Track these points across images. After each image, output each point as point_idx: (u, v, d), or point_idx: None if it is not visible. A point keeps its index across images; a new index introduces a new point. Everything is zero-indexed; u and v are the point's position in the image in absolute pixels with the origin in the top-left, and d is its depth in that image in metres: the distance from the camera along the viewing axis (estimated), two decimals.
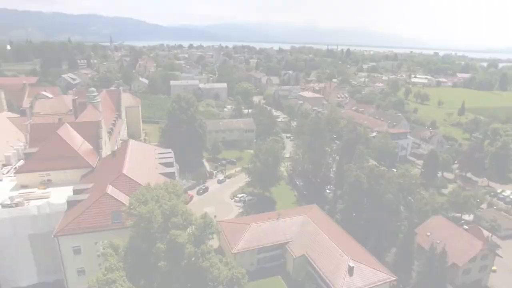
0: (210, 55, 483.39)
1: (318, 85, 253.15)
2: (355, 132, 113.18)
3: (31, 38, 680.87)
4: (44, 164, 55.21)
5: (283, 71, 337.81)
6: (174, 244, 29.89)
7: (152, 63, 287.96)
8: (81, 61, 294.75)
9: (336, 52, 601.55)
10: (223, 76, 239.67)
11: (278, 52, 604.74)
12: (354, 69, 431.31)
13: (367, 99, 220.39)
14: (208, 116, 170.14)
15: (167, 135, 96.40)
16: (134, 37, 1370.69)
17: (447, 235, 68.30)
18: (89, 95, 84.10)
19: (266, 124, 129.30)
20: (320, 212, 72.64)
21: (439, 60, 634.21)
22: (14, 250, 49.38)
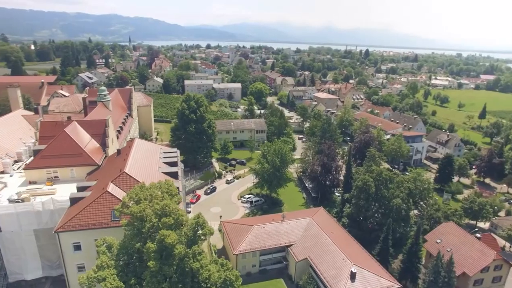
0: (227, 55, 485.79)
1: (334, 86, 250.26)
2: (367, 134, 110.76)
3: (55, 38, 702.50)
4: (51, 161, 56.37)
5: (299, 71, 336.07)
6: (163, 244, 29.71)
7: (167, 63, 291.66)
8: (99, 60, 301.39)
9: (354, 53, 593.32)
10: (237, 76, 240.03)
11: (295, 53, 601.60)
12: (372, 70, 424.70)
13: (383, 101, 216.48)
14: (221, 116, 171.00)
15: (176, 134, 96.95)
16: (154, 37, 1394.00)
17: (458, 242, 65.91)
18: (100, 94, 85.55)
19: (277, 125, 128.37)
20: (326, 215, 71.39)
21: (462, 61, 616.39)
22: (20, 244, 50.55)
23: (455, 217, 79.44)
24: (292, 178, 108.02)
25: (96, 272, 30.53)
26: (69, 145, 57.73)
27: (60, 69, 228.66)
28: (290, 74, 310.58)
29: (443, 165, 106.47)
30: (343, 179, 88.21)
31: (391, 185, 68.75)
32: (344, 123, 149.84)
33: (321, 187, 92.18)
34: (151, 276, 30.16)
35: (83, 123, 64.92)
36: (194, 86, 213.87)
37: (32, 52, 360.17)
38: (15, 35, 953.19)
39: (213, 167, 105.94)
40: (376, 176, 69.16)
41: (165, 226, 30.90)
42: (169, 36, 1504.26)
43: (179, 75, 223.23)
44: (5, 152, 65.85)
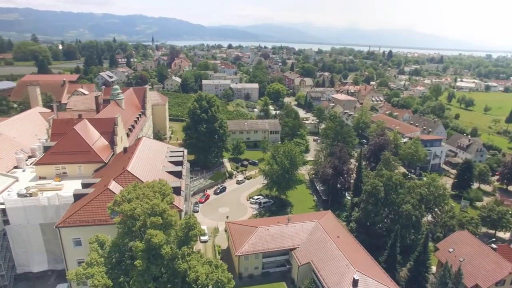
0: (247, 55, 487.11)
1: (354, 88, 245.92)
2: (382, 137, 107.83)
3: (83, 38, 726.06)
4: (60, 157, 57.91)
5: (319, 72, 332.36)
6: (150, 244, 29.68)
7: (187, 63, 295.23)
8: (121, 59, 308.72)
9: (377, 54, 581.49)
10: (255, 77, 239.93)
11: (316, 53, 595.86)
12: (394, 72, 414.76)
13: (404, 103, 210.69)
14: (237, 116, 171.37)
15: (188, 134, 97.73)
16: (177, 36, 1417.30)
17: (471, 253, 62.89)
18: (113, 93, 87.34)
19: (291, 126, 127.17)
20: (333, 219, 69.86)
21: (491, 62, 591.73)
22: (27, 237, 52.17)
23: (470, 225, 75.95)
24: (304, 180, 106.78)
25: (85, 268, 30.89)
26: (77, 142, 59.10)
27: (84, 68, 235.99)
28: (309, 75, 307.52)
29: (461, 170, 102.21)
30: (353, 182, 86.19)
31: (401, 190, 66.43)
32: (360, 125, 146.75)
33: (332, 190, 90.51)
34: (137, 275, 30.19)
35: (93, 121, 66.34)
36: (212, 86, 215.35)
37: (60, 51, 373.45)
38: (47, 35, 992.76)
39: (224, 167, 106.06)
40: (386, 180, 67.03)
41: (153, 226, 30.83)
42: (192, 36, 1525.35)
43: (197, 74, 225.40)
44: (20, 147, 68.32)
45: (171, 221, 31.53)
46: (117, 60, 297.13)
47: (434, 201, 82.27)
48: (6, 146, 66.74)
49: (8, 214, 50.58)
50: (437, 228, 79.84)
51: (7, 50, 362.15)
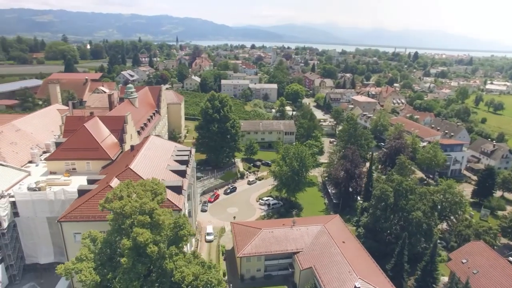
0: (270, 55, 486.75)
1: (375, 90, 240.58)
2: (398, 141, 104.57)
3: (111, 38, 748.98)
4: (70, 153, 59.54)
5: (340, 73, 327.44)
6: (136, 242, 29.81)
7: (208, 62, 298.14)
8: (144, 59, 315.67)
9: (402, 56, 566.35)
10: (275, 77, 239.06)
11: (340, 54, 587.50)
12: (420, 74, 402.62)
13: (426, 106, 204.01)
14: (254, 116, 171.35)
15: (200, 133, 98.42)
16: (202, 36, 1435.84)
17: (487, 265, 59.62)
18: (127, 91, 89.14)
19: (306, 127, 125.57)
20: (340, 224, 68.23)
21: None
22: (35, 230, 53.97)
23: (488, 236, 72.12)
24: (316, 183, 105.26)
25: (74, 263, 31.45)
26: (87, 139, 60.57)
27: (108, 67, 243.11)
28: (331, 76, 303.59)
29: (483, 177, 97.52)
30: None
31: (412, 196, 63.94)
32: (378, 128, 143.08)
33: (343, 194, 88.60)
34: (123, 273, 30.40)
35: (104, 118, 67.85)
36: (230, 86, 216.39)
37: (87, 51, 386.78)
38: (78, 35, 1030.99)
39: (235, 167, 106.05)
40: (396, 185, 64.76)
41: (141, 224, 30.97)
42: (216, 36, 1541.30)
43: (217, 74, 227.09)
44: (36, 143, 70.91)
45: (159, 220, 31.50)
46: (140, 60, 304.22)
47: (450, 208, 79.08)
48: (23, 142, 69.48)
49: (17, 207, 52.54)
50: (451, 237, 76.57)
51: (40, 50, 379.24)
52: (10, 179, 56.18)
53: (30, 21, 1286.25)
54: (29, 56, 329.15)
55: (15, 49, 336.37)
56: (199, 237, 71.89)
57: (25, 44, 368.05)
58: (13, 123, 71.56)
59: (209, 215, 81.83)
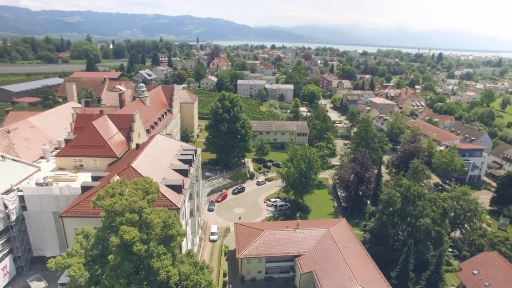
0: (289, 56, 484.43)
1: (394, 91, 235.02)
2: (412, 144, 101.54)
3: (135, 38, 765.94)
4: (78, 150, 60.96)
5: (359, 75, 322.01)
6: (123, 240, 30.05)
7: (225, 62, 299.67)
8: (164, 58, 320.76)
9: (425, 57, 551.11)
10: (291, 78, 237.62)
11: (361, 55, 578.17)
12: (443, 76, 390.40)
13: (447, 109, 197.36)
14: (269, 116, 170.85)
15: (210, 133, 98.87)
16: (223, 37, 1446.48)
17: (500, 278, 56.74)
18: (138, 90, 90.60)
19: (319, 129, 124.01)
20: (346, 228, 66.78)
21: None
22: (42, 224, 55.64)
23: (504, 246, 68.76)
24: (327, 185, 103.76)
25: (64, 258, 32.05)
26: (94, 137, 61.81)
27: (127, 66, 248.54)
28: (349, 77, 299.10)
29: (502, 184, 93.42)
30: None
31: (420, 202, 61.82)
32: (394, 130, 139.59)
33: (352, 197, 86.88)
34: (110, 270, 30.71)
35: (112, 117, 69.10)
36: (247, 86, 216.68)
37: (110, 50, 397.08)
38: (103, 35, 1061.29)
39: (245, 167, 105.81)
40: (403, 190, 62.80)
41: (129, 222, 31.20)
42: (237, 36, 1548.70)
43: (233, 74, 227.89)
44: (49, 139, 73.05)
45: (147, 219, 31.63)
46: (160, 59, 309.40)
47: (464, 216, 76.08)
48: (37, 138, 71.79)
49: (25, 201, 54.36)
50: (464, 246, 73.62)
51: (66, 49, 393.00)
52: (20, 174, 58.05)
53: (60, 22, 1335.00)
54: (55, 55, 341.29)
55: (43, 49, 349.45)
56: (203, 236, 72.19)
57: (52, 44, 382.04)
58: (28, 120, 74.11)
59: (215, 215, 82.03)
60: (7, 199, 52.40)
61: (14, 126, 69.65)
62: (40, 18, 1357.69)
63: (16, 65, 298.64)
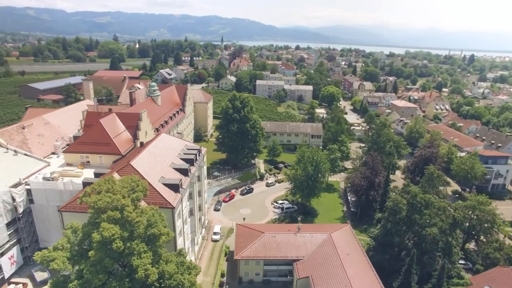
0: (313, 57, 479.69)
1: (418, 94, 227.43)
2: (429, 149, 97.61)
3: (162, 38, 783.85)
4: (85, 147, 62.73)
5: (383, 76, 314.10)
6: (103, 236, 30.46)
7: (246, 62, 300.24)
8: (186, 58, 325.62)
9: (455, 59, 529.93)
10: (311, 78, 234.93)
11: (388, 57, 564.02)
12: (474, 78, 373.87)
13: (474, 114, 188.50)
14: (285, 117, 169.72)
15: (220, 133, 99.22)
16: (249, 37, 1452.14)
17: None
18: (150, 89, 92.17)
19: (333, 131, 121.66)
20: (349, 234, 64.92)
21: None
22: (47, 216, 57.70)
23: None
24: (338, 189, 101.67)
25: (50, 252, 32.88)
26: (101, 134, 63.37)
27: (150, 65, 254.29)
28: (372, 79, 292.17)
29: None
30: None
31: (427, 211, 59.18)
32: (413, 134, 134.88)
33: (362, 202, 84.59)
34: (90, 265, 31.22)
35: (120, 115, 70.62)
36: (265, 86, 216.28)
37: (136, 49, 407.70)
38: (131, 35, 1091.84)
39: (255, 167, 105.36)
40: (410, 198, 60.34)
41: (110, 220, 31.60)
42: (263, 37, 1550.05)
43: (253, 74, 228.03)
44: (61, 136, 75.72)
45: (128, 217, 31.92)
46: (182, 59, 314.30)
47: (480, 227, 72.24)
48: (50, 134, 74.61)
49: (32, 194, 56.53)
50: (478, 259, 69.90)
51: (94, 49, 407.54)
52: (30, 168, 60.44)
53: (91, 22, 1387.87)
54: (83, 55, 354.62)
55: (73, 48, 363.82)
56: (206, 235, 72.45)
57: (82, 43, 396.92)
58: (43, 117, 77.15)
59: (221, 215, 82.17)
60: (15, 192, 54.73)
61: (29, 123, 72.70)
62: (74, 19, 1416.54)
63: (47, 64, 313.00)
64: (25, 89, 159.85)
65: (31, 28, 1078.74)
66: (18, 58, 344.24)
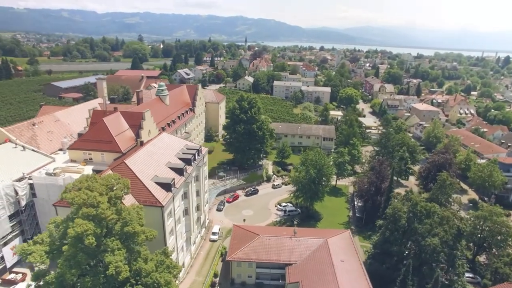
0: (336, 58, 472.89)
1: (442, 97, 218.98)
2: (442, 155, 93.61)
3: (188, 38, 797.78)
4: (87, 144, 64.49)
5: (407, 79, 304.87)
6: (76, 232, 31.14)
7: (265, 63, 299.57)
8: (207, 58, 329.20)
9: (488, 61, 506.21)
10: (330, 80, 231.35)
11: (415, 58, 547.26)
12: (508, 81, 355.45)
13: (502, 119, 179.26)
14: (300, 119, 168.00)
15: (228, 133, 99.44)
16: (274, 38, 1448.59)
17: None
18: (158, 89, 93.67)
19: (345, 134, 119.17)
20: (347, 240, 63.25)
21: None
22: (49, 211, 59.12)
23: None
24: (346, 193, 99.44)
25: (29, 245, 33.97)
26: (103, 132, 64.98)
27: (170, 65, 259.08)
28: (395, 81, 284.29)
29: None
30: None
31: (428, 220, 56.64)
32: (431, 139, 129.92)
33: (368, 208, 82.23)
34: (64, 260, 31.98)
35: (125, 114, 72.16)
36: (282, 87, 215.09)
37: (160, 49, 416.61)
38: (158, 35, 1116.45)
39: (262, 169, 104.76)
40: (411, 206, 58.00)
41: (85, 216, 32.26)
42: (288, 38, 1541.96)
43: (270, 75, 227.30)
44: (70, 133, 78.33)
45: (101, 214, 32.46)
46: (203, 59, 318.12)
47: (492, 239, 68.45)
48: (59, 131, 77.34)
49: (35, 189, 58.76)
50: (487, 273, 66.32)
51: (120, 48, 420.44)
52: (36, 164, 62.87)
53: (121, 23, 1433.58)
54: (109, 54, 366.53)
55: (100, 48, 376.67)
56: (205, 235, 72.76)
57: (108, 43, 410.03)
58: (54, 114, 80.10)
59: (222, 215, 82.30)
60: (18, 185, 57.06)
61: (40, 120, 75.70)
62: (104, 19, 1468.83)
63: (74, 63, 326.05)
64: (48, 88, 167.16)
65: (64, 29, 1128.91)
66: (49, 57, 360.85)
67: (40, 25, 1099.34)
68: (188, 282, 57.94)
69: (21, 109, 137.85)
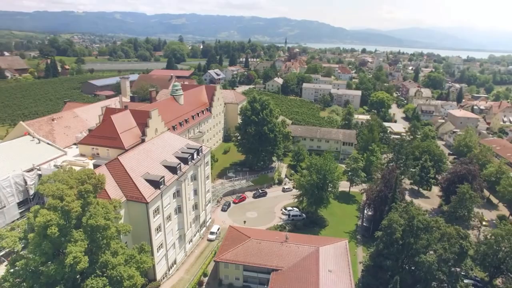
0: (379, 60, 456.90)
1: (485, 103, 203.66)
2: (465, 166, 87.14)
3: (232, 39, 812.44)
4: (95, 140, 67.99)
5: (448, 83, 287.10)
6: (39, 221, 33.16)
7: (298, 65, 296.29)
8: (242, 59, 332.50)
9: None
10: (362, 83, 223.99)
11: (464, 62, 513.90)
12: None
13: None
14: (326, 122, 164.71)
15: (239, 134, 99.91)
16: (317, 39, 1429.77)
17: None
18: (172, 89, 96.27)
19: (365, 139, 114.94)
20: (342, 250, 60.88)
21: None
22: None
23: None
24: (359, 201, 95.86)
25: (6, 231, 36.63)
26: (110, 129, 68.06)
27: (204, 66, 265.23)
28: (436, 86, 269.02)
29: None
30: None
31: (425, 236, 53.03)
32: (461, 148, 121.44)
33: (376, 217, 78.72)
34: (30, 247, 34.15)
35: (134, 112, 75.09)
36: (312, 90, 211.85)
37: (199, 50, 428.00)
38: (203, 36, 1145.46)
39: (274, 171, 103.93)
40: (408, 219, 54.67)
41: (51, 207, 34.21)
42: (332, 39, 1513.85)
43: (301, 77, 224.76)
44: (87, 128, 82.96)
45: (65, 206, 34.19)
46: (237, 59, 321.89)
47: (510, 262, 62.70)
48: (76, 126, 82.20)
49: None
50: None
51: (162, 49, 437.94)
52: (48, 156, 67.44)
53: (168, 24, 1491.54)
54: (150, 54, 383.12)
55: (142, 48, 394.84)
56: (203, 234, 73.69)
57: (151, 44, 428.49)
58: (73, 110, 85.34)
59: (226, 216, 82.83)
60: (27, 175, 61.47)
61: (60, 115, 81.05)
62: (153, 21, 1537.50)
63: (116, 62, 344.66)
64: (86, 85, 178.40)
65: (116, 30, 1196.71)
66: (96, 57, 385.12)
67: (95, 26, 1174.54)
68: (175, 278, 59.07)
69: (58, 105, 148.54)
